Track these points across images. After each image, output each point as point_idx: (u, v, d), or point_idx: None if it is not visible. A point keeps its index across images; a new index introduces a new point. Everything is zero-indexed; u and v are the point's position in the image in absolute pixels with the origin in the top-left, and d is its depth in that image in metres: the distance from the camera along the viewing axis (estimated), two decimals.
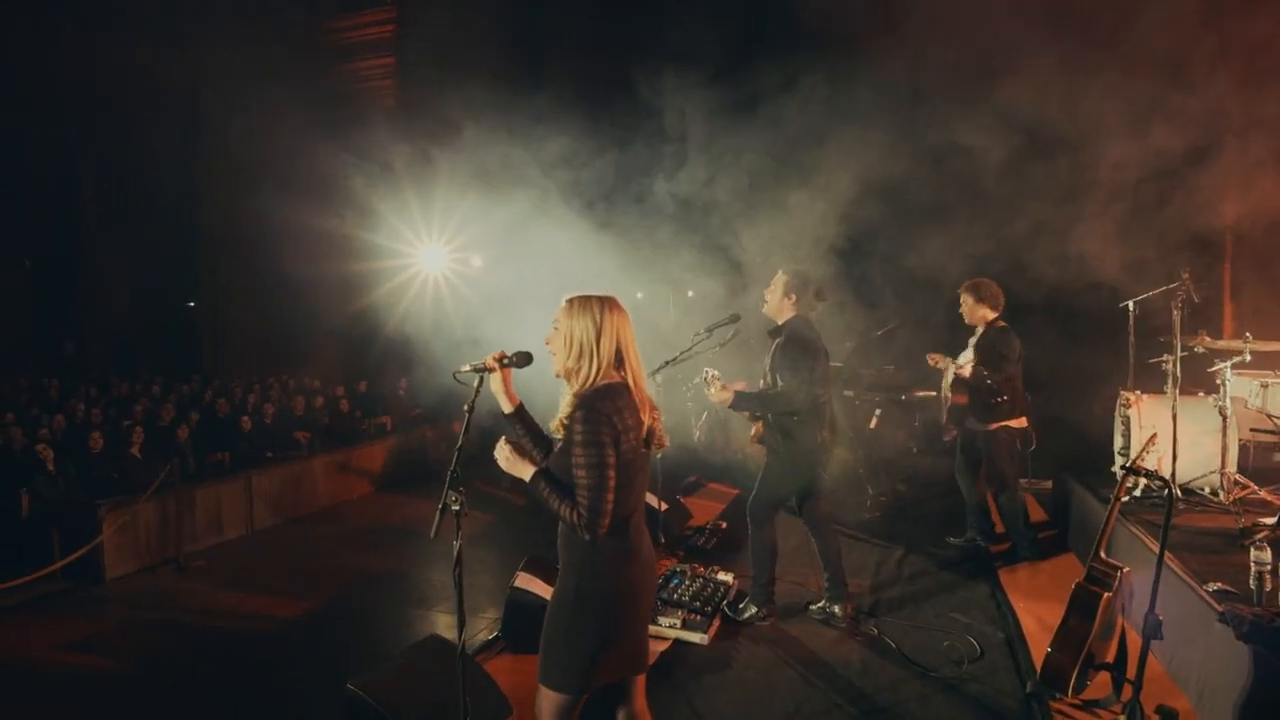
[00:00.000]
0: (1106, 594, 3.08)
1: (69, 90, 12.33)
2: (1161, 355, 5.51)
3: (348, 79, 12.73)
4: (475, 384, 2.48)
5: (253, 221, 13.12)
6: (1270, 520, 4.06)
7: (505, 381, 2.45)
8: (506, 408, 2.48)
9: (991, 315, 5.08)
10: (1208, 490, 4.88)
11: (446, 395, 10.41)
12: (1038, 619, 4.25)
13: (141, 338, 14.14)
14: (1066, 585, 4.72)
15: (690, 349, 4.43)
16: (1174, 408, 4.62)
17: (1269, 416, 4.77)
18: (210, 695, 4.19)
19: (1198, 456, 4.82)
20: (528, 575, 4.00)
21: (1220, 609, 3.06)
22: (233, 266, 13.84)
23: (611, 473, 2.11)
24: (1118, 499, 3.12)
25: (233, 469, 8.28)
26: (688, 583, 4.53)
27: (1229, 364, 4.72)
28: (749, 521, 4.24)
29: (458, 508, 2.50)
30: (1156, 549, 3.38)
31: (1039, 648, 3.98)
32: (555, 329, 2.29)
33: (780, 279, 4.13)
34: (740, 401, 3.93)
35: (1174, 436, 4.62)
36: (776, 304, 4.14)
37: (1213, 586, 3.34)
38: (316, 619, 5.27)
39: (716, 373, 3.78)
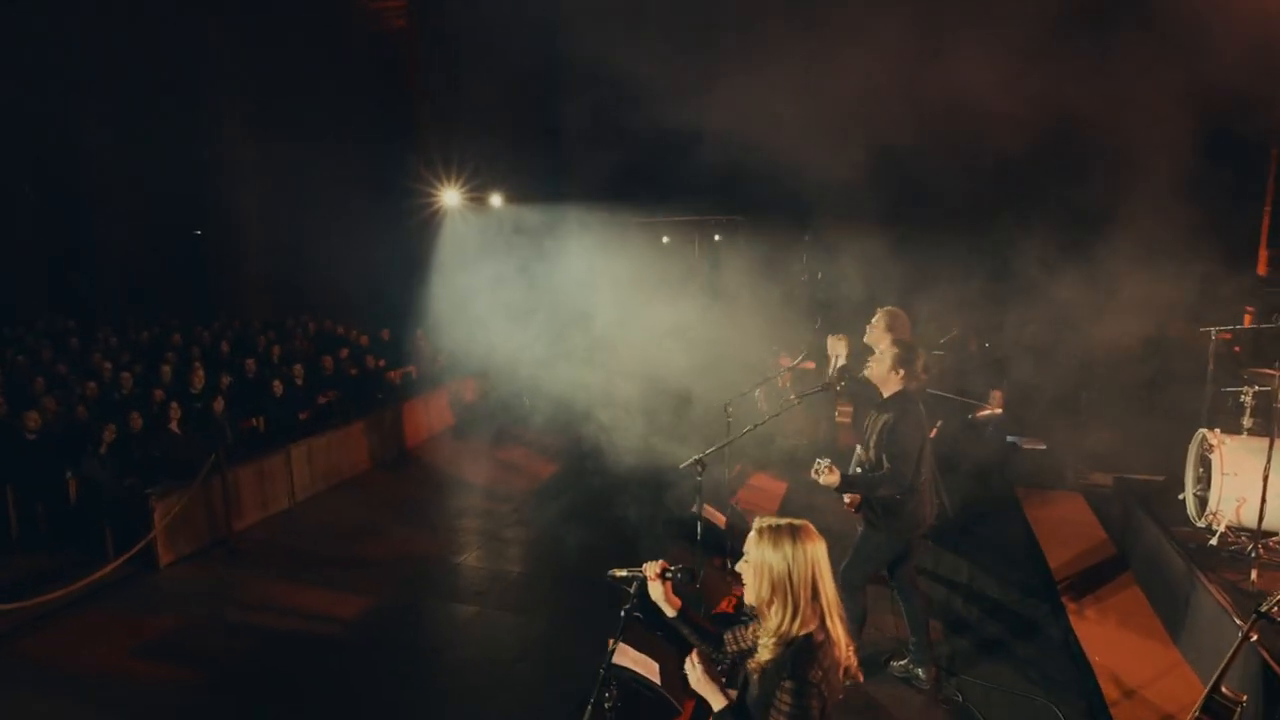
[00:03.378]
0: None
1: (75, 11, 11.36)
2: (1239, 388, 5.36)
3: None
4: (631, 589, 2.34)
5: (263, 148, 12.47)
6: None
7: (666, 591, 2.32)
8: (670, 613, 2.37)
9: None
10: None
11: (468, 345, 10.19)
12: (1115, 681, 4.29)
13: (152, 270, 13.65)
14: (1137, 629, 4.84)
15: (779, 414, 4.31)
16: (1267, 464, 4.50)
17: None
18: None
19: None
20: (625, 647, 3.95)
21: None
22: (240, 195, 13.22)
23: None
24: (1245, 638, 3.05)
25: (269, 438, 8.19)
26: None
27: None
28: (839, 587, 4.18)
29: (609, 706, 2.43)
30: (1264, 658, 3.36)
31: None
32: (745, 560, 2.15)
33: (889, 351, 3.92)
34: (847, 484, 3.80)
35: (1264, 490, 4.53)
36: (883, 375, 3.95)
37: None
38: (374, 619, 5.43)
39: (827, 462, 3.65)
